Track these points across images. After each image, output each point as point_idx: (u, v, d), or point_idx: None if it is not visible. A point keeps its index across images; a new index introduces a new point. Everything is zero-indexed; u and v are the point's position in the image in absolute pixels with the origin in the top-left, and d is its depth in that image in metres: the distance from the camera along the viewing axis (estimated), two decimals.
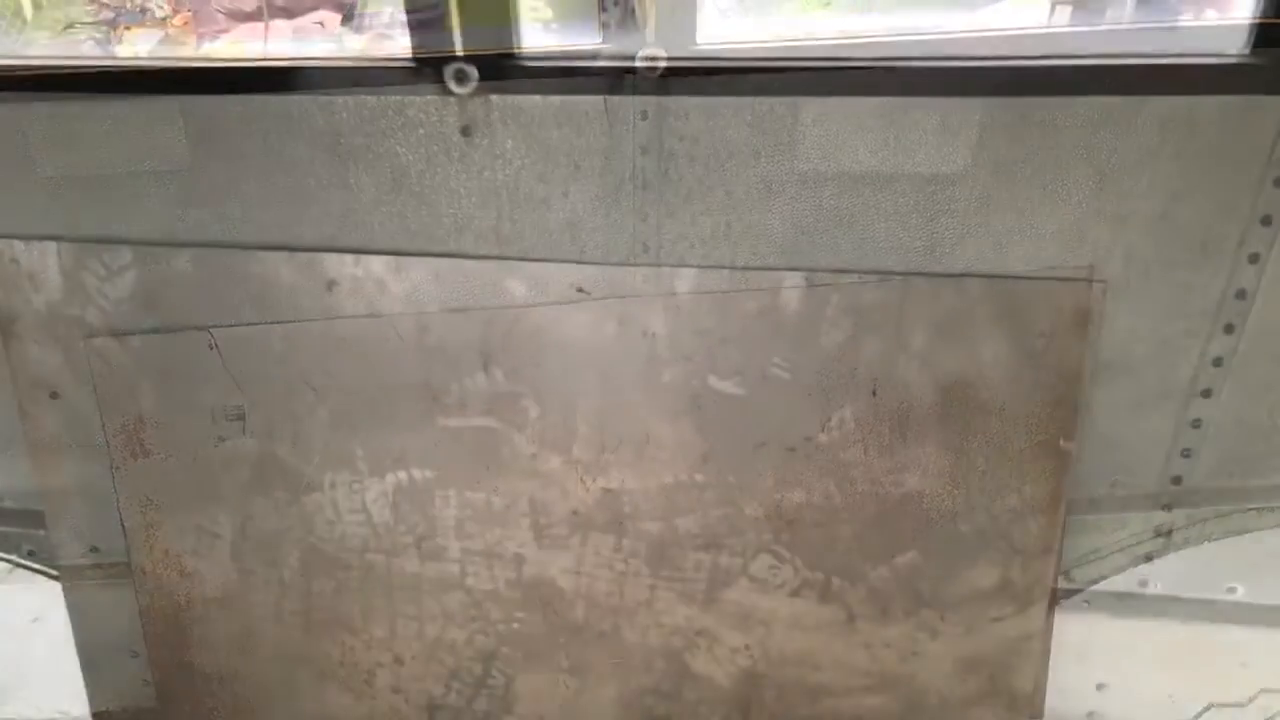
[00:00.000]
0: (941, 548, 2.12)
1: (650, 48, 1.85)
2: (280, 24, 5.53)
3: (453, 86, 1.91)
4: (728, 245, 1.98)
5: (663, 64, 1.86)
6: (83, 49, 5.46)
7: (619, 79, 1.90)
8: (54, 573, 2.49)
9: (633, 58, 1.86)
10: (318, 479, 2.26)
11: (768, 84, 1.85)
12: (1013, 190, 1.86)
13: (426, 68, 1.91)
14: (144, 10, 5.78)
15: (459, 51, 1.88)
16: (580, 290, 2.03)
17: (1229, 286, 1.90)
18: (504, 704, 2.43)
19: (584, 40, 1.95)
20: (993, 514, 2.07)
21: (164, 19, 5.78)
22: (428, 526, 2.28)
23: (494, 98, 1.92)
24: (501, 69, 1.90)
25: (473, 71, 1.89)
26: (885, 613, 2.19)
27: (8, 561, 2.62)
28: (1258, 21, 1.74)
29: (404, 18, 1.94)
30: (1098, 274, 1.91)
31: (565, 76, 1.92)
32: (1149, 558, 2.19)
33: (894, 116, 1.84)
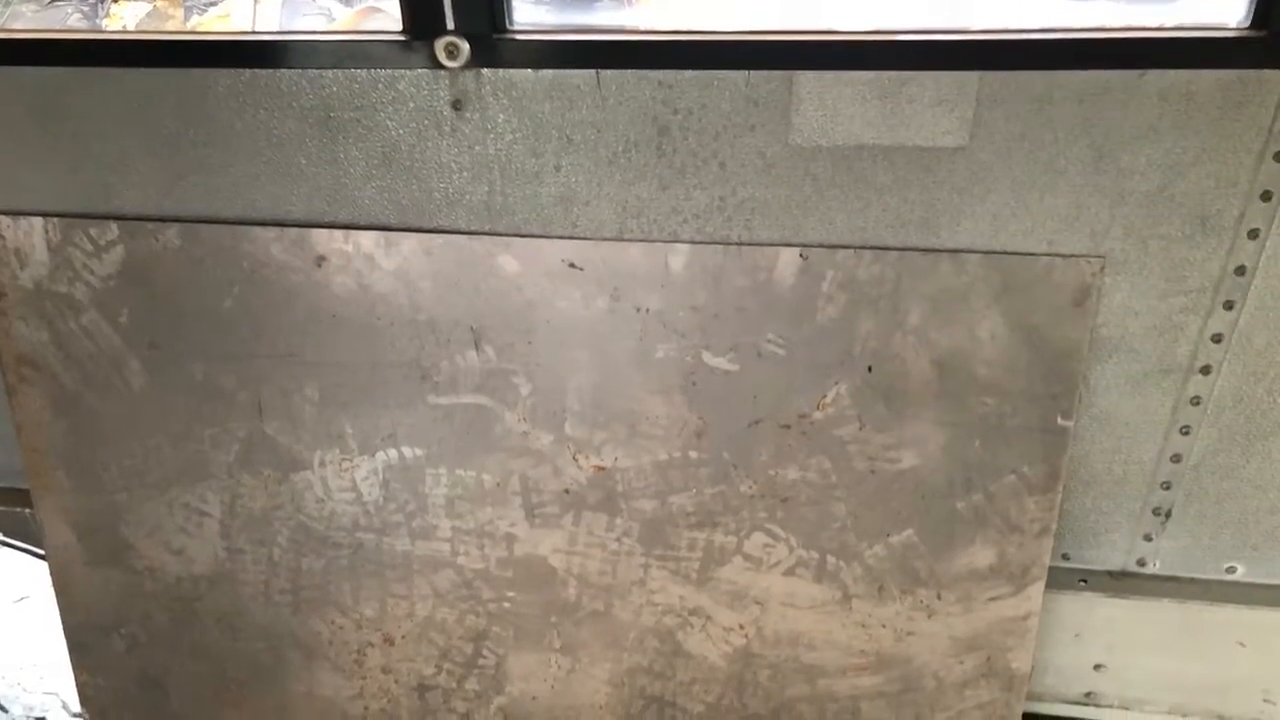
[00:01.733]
0: (938, 526, 2.11)
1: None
2: None
3: (444, 60, 1.89)
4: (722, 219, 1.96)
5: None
6: (70, 22, 5.43)
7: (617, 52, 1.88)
8: (40, 552, 2.48)
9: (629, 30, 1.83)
10: (307, 457, 2.25)
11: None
12: (1010, 165, 1.84)
13: (417, 41, 1.89)
14: None
15: (450, 25, 1.86)
16: (573, 265, 2.01)
17: (1229, 262, 1.88)
18: (495, 684, 2.42)
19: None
20: (990, 492, 2.05)
21: None
22: (418, 505, 2.26)
23: (485, 71, 1.90)
24: (493, 42, 1.88)
25: (464, 45, 1.87)
26: (881, 592, 2.18)
27: None
28: None
29: None
30: (1096, 250, 1.89)
31: (558, 50, 1.89)
32: (1147, 537, 2.18)
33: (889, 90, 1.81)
